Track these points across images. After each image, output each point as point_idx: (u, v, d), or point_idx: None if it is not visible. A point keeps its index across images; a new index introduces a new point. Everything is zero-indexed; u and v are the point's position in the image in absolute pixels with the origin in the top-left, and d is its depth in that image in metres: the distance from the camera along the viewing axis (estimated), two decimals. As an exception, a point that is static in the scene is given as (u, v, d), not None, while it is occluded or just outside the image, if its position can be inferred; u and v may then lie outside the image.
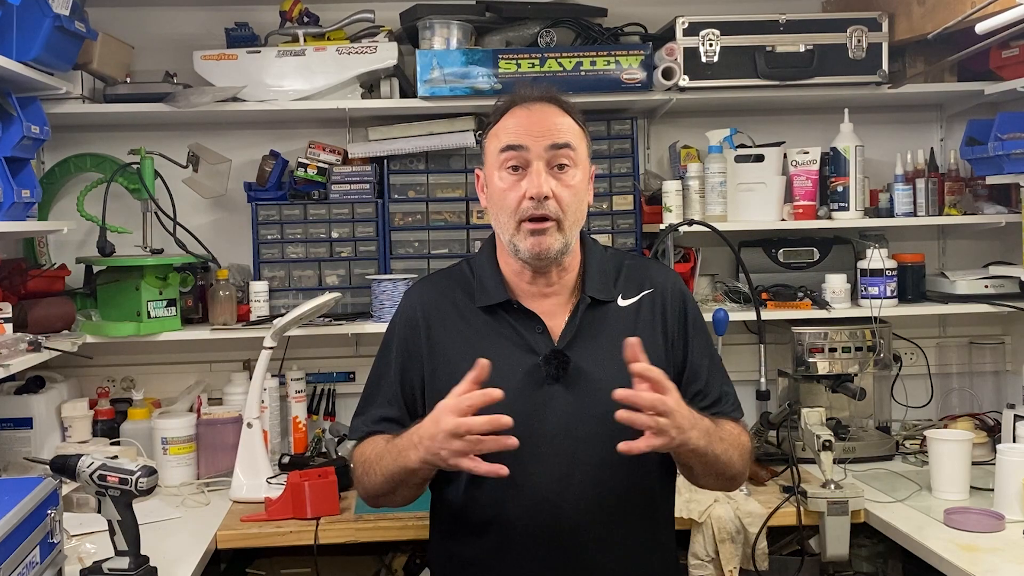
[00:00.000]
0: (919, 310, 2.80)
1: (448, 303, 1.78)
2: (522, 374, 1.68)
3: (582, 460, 1.67)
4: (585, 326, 1.72)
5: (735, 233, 2.71)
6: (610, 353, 1.69)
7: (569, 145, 1.67)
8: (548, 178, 1.65)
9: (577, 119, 1.74)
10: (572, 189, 1.68)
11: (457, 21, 2.71)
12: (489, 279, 1.76)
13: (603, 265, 1.79)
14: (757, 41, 2.67)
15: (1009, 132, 2.46)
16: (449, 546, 1.78)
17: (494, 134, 1.73)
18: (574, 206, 1.68)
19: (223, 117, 2.76)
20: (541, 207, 1.64)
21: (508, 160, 1.68)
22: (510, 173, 1.68)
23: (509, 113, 1.72)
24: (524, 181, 1.66)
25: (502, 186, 1.68)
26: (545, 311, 1.73)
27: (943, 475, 2.36)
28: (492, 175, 1.71)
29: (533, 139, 1.66)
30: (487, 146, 1.75)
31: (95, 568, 1.88)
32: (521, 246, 1.67)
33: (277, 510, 2.32)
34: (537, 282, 1.74)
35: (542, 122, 1.68)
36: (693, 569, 2.27)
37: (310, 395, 2.88)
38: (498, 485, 1.67)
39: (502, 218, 1.70)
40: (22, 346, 2.23)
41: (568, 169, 1.68)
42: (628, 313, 1.75)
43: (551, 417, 1.67)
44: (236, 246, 2.89)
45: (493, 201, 1.73)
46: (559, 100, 1.74)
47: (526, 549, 1.67)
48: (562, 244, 1.68)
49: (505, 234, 1.70)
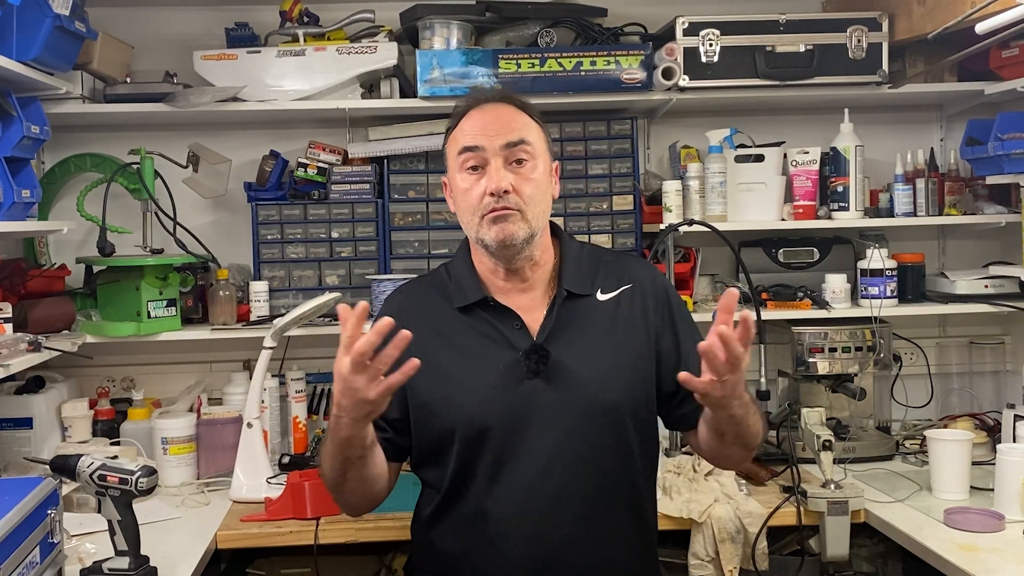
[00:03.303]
0: (919, 310, 2.80)
1: (425, 306, 1.79)
2: (502, 370, 1.69)
3: (564, 453, 1.68)
4: (563, 320, 1.73)
5: (735, 233, 2.70)
6: (590, 347, 1.71)
7: (524, 141, 1.70)
8: (506, 173, 1.68)
9: (534, 116, 1.76)
10: (533, 182, 1.70)
11: (457, 21, 2.71)
12: (465, 280, 1.78)
13: (579, 260, 1.80)
14: (757, 41, 2.67)
15: (1009, 132, 2.46)
16: (432, 542, 1.77)
17: (452, 138, 1.76)
18: (536, 197, 1.70)
19: (223, 117, 2.76)
20: (502, 201, 1.67)
21: (467, 161, 1.70)
22: (470, 173, 1.70)
23: (465, 116, 1.74)
24: (484, 179, 1.68)
25: (464, 186, 1.71)
26: (522, 307, 1.74)
27: (943, 475, 2.36)
28: (454, 178, 1.74)
29: (488, 138, 1.69)
30: (447, 151, 1.77)
31: (95, 568, 1.88)
32: (487, 237, 1.68)
33: (277, 510, 2.32)
34: (511, 279, 1.76)
35: (496, 121, 1.71)
36: (693, 569, 2.27)
37: (310, 395, 2.88)
38: (481, 479, 1.69)
39: (467, 217, 1.73)
40: (22, 346, 2.23)
41: (526, 163, 1.70)
42: (607, 307, 1.76)
43: (532, 412, 1.68)
44: (236, 246, 2.89)
45: (457, 203, 1.76)
46: (513, 99, 1.77)
47: (508, 543, 1.67)
48: (527, 232, 1.69)
49: (472, 232, 1.73)
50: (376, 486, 1.72)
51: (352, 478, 1.66)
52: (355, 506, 1.77)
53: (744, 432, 1.64)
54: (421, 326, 1.73)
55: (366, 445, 1.60)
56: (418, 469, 1.81)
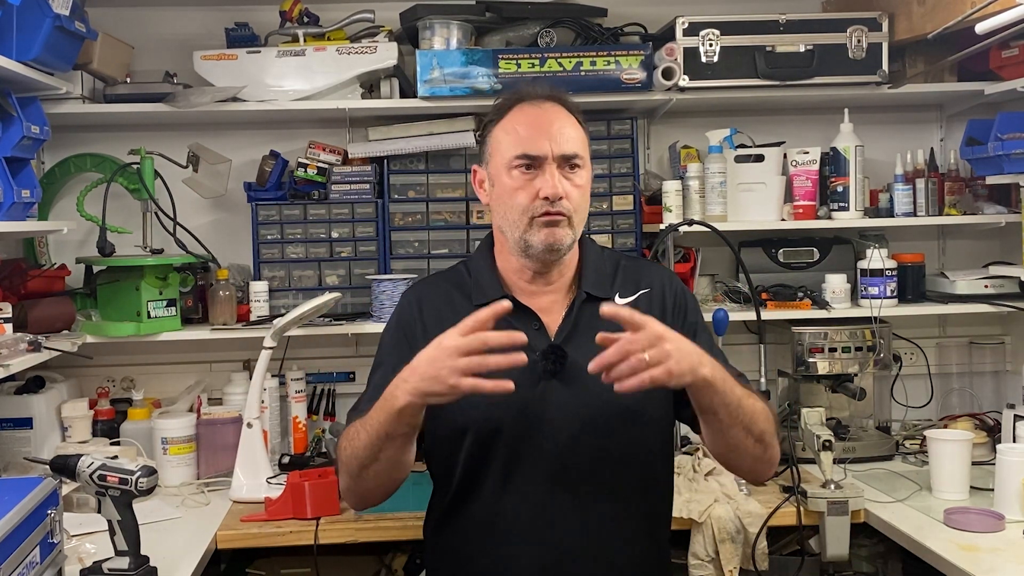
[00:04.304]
0: (919, 310, 2.80)
1: (445, 303, 1.78)
2: (519, 370, 1.67)
3: (578, 456, 1.67)
4: (582, 322, 1.72)
5: (735, 233, 2.70)
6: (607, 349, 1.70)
7: (579, 155, 1.70)
8: (561, 179, 1.67)
9: (580, 120, 1.75)
10: (581, 189, 1.71)
11: (457, 21, 2.71)
12: (485, 278, 1.77)
13: (600, 263, 1.80)
14: (757, 41, 2.67)
15: (1009, 132, 2.46)
16: (445, 542, 1.77)
17: (502, 131, 1.72)
18: (583, 205, 1.72)
19: (223, 117, 2.76)
20: (556, 206, 1.66)
21: (520, 161, 1.68)
22: (522, 173, 1.68)
23: (517, 110, 1.72)
24: (537, 180, 1.67)
25: (513, 185, 1.68)
26: (541, 307, 1.73)
27: (943, 475, 2.36)
28: (500, 173, 1.71)
29: (547, 143, 1.67)
30: (492, 142, 1.74)
31: (95, 568, 1.88)
32: (534, 240, 1.67)
33: (277, 510, 2.32)
34: (536, 281, 1.75)
35: (553, 125, 1.69)
36: (693, 569, 2.27)
37: (310, 395, 2.88)
38: (492, 480, 1.68)
39: (512, 216, 1.69)
40: (22, 346, 2.23)
41: (578, 170, 1.70)
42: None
43: (548, 412, 1.67)
44: (236, 246, 2.89)
45: (500, 200, 1.72)
46: (565, 100, 1.75)
47: (520, 544, 1.67)
48: (571, 239, 1.70)
49: (515, 232, 1.70)
50: (401, 473, 1.67)
51: (384, 458, 1.60)
52: (371, 492, 1.70)
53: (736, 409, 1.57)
54: (439, 321, 1.72)
55: (416, 424, 1.56)
56: (430, 466, 1.80)
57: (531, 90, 1.75)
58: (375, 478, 1.65)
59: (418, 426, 1.58)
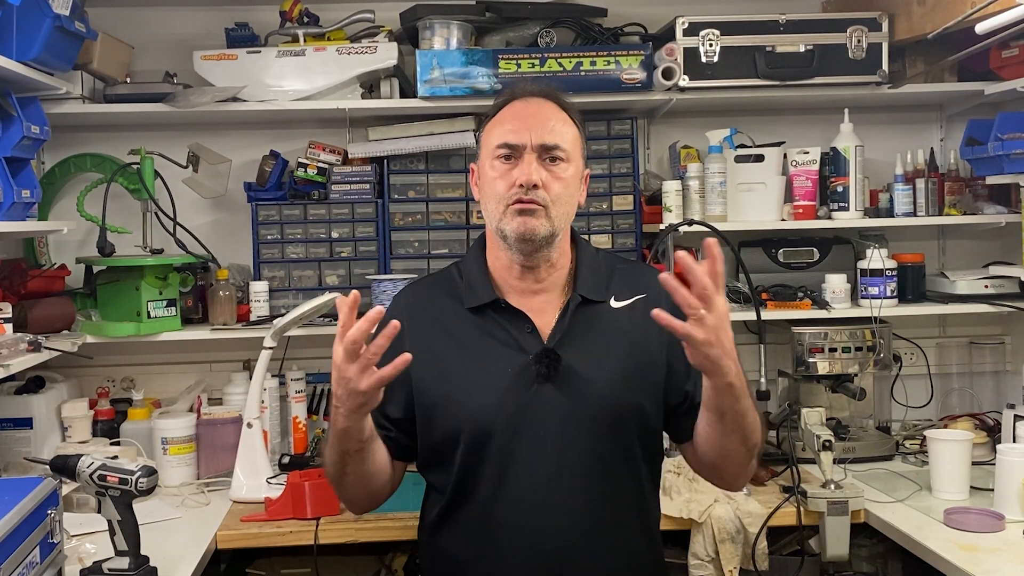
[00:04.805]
0: (919, 310, 2.80)
1: (435, 306, 1.77)
2: (512, 374, 1.67)
3: (572, 460, 1.66)
4: (576, 325, 1.71)
5: (735, 233, 2.70)
6: (601, 353, 1.69)
7: (560, 147, 1.68)
8: (539, 168, 1.66)
9: (574, 117, 1.74)
10: (562, 182, 1.68)
11: (457, 21, 2.71)
12: (477, 280, 1.76)
13: (595, 265, 1.78)
14: (757, 41, 2.67)
15: (1009, 132, 2.46)
16: (438, 546, 1.76)
17: (491, 126, 1.73)
18: (564, 198, 1.68)
19: (223, 117, 2.76)
20: (530, 194, 1.65)
21: (501, 150, 1.68)
22: (502, 162, 1.68)
23: (509, 106, 1.72)
24: (516, 170, 1.66)
25: (493, 174, 1.69)
26: (534, 310, 1.72)
27: (943, 475, 2.36)
28: (484, 164, 1.72)
29: (527, 133, 1.66)
30: (483, 138, 1.75)
31: (95, 568, 1.88)
32: (507, 228, 1.66)
33: (277, 510, 2.32)
34: (526, 278, 1.73)
35: (537, 116, 1.69)
36: (693, 569, 2.27)
37: (310, 395, 2.88)
38: (486, 483, 1.67)
39: (490, 205, 1.70)
40: (22, 346, 2.23)
41: (560, 163, 1.68)
42: (620, 315, 1.74)
43: (541, 417, 1.66)
44: (236, 246, 2.89)
45: (483, 190, 1.73)
46: (556, 97, 1.74)
47: (515, 549, 1.66)
48: (548, 230, 1.66)
49: (493, 220, 1.70)
50: (375, 483, 1.70)
51: (351, 472, 1.64)
52: (355, 501, 1.76)
53: (742, 416, 1.57)
54: (430, 325, 1.73)
55: (363, 439, 1.59)
56: (423, 470, 1.80)
57: (525, 87, 1.76)
58: (352, 489, 1.70)
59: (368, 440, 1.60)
